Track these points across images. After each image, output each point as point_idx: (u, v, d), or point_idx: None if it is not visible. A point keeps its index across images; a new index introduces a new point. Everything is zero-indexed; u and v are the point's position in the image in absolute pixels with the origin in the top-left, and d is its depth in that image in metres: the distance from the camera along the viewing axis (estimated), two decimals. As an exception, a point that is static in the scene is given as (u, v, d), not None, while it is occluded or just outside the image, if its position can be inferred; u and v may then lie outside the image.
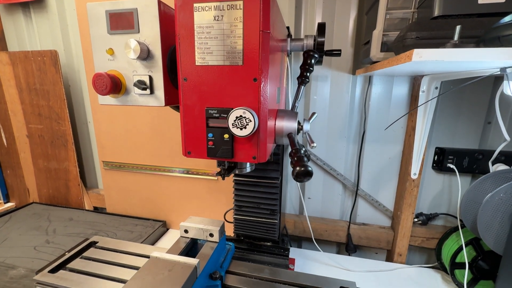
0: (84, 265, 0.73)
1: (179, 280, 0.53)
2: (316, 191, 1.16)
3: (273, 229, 0.86)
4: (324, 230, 1.13)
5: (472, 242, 0.86)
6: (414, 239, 1.05)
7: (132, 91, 0.50)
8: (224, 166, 0.50)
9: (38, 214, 1.28)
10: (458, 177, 0.92)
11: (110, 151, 1.25)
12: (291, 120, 0.55)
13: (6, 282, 0.83)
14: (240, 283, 0.68)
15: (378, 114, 1.03)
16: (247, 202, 0.85)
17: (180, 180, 1.19)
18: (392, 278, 0.96)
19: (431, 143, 1.01)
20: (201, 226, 0.73)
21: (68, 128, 1.31)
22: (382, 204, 1.10)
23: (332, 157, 1.11)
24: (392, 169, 1.07)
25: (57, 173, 1.38)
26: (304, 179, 0.42)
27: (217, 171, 0.54)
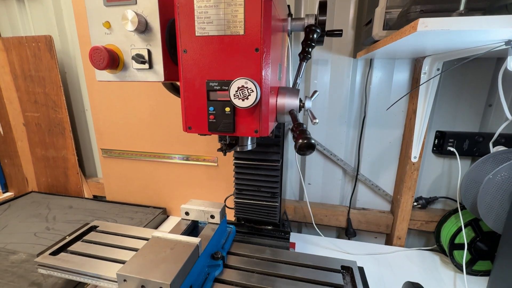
0: (85, 248, 0.73)
1: (181, 257, 0.53)
2: (316, 177, 1.16)
3: (273, 212, 0.86)
4: (324, 215, 1.14)
5: (471, 223, 0.86)
6: (414, 223, 1.05)
7: (131, 66, 0.49)
8: (226, 141, 0.49)
9: (37, 202, 1.27)
10: (458, 160, 0.92)
11: (109, 139, 1.24)
12: (292, 97, 0.54)
13: (7, 267, 0.83)
14: (242, 263, 0.68)
15: (378, 98, 1.02)
16: (247, 185, 0.85)
17: (180, 166, 1.18)
18: (391, 261, 0.97)
19: (432, 127, 1.00)
20: (202, 208, 0.73)
21: (65, 115, 1.29)
22: (382, 189, 1.11)
23: (332, 142, 1.11)
24: (392, 153, 1.07)
25: (56, 161, 1.37)
26: (307, 152, 0.42)
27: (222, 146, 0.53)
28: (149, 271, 0.49)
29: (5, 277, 0.78)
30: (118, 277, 0.49)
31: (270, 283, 0.61)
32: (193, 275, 0.55)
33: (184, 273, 0.51)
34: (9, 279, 0.78)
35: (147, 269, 0.49)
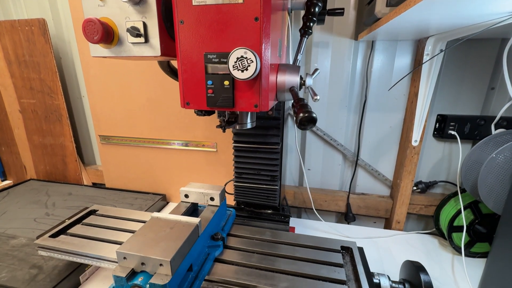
0: (85, 230, 0.73)
1: (181, 236, 0.52)
2: (316, 162, 1.16)
3: (273, 196, 0.85)
4: (324, 200, 1.14)
5: (470, 205, 0.87)
6: (413, 207, 1.06)
7: (126, 40, 0.47)
8: (225, 117, 0.48)
9: (36, 190, 1.27)
10: (459, 143, 0.92)
11: (106, 125, 1.22)
12: (293, 74, 0.52)
13: (7, 250, 0.83)
14: (242, 244, 0.68)
15: (380, 81, 1.01)
16: (247, 169, 0.84)
17: (179, 153, 1.17)
18: (390, 244, 0.98)
19: (433, 111, 0.99)
20: (201, 191, 0.73)
21: (62, 102, 1.27)
22: (381, 174, 1.11)
23: (332, 127, 1.10)
24: (393, 138, 1.06)
25: (53, 149, 1.36)
26: (308, 126, 0.41)
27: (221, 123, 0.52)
28: (149, 248, 0.48)
29: (5, 260, 0.78)
30: (118, 255, 0.48)
31: (270, 263, 0.61)
32: (193, 254, 0.55)
33: (184, 252, 0.51)
34: (10, 262, 0.78)
35: (147, 247, 0.49)
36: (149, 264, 0.47)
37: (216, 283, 0.57)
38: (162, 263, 0.46)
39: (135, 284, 0.46)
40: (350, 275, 0.60)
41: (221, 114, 0.48)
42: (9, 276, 0.72)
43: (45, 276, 0.72)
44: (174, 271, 0.47)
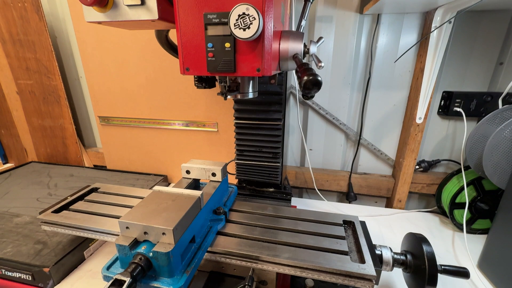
0: (87, 206, 0.73)
1: (183, 207, 0.52)
2: (318, 142, 1.15)
3: (275, 173, 0.85)
4: (325, 180, 1.14)
5: (473, 182, 0.86)
6: (415, 186, 1.06)
7: (121, 3, 0.45)
8: (226, 83, 0.46)
9: (38, 171, 1.27)
10: (464, 120, 0.90)
11: (105, 106, 1.21)
12: (296, 41, 0.50)
13: (11, 228, 0.83)
14: (244, 218, 0.68)
15: (385, 58, 0.98)
16: (249, 146, 0.83)
17: (180, 133, 1.16)
18: (391, 222, 0.99)
19: (439, 88, 0.97)
20: (203, 166, 0.72)
21: (59, 83, 1.25)
22: (384, 153, 1.10)
23: (335, 106, 1.08)
24: (397, 116, 1.04)
25: (53, 131, 1.35)
26: (313, 89, 0.39)
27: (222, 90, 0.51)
28: (151, 218, 0.48)
29: (10, 236, 0.79)
30: (121, 225, 0.48)
31: (272, 235, 0.61)
32: (195, 226, 0.55)
33: (186, 222, 0.51)
34: (15, 238, 0.78)
35: (150, 217, 0.49)
36: (152, 233, 0.47)
37: (219, 254, 0.57)
38: (165, 232, 0.46)
39: (139, 252, 0.46)
40: (352, 246, 0.60)
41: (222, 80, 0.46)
42: (14, 251, 0.73)
43: (50, 251, 0.73)
44: (176, 240, 0.47)
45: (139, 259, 0.45)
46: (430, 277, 0.53)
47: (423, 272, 0.54)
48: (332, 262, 0.53)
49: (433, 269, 0.53)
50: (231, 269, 0.60)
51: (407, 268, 0.58)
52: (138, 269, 0.44)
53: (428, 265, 0.53)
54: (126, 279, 0.41)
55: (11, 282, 0.72)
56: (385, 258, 0.58)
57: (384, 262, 0.58)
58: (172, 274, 0.47)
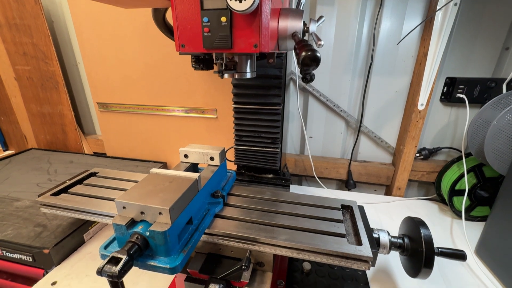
0: (86, 190, 0.74)
1: (180, 188, 0.52)
2: (318, 130, 1.14)
3: (274, 159, 0.84)
4: (325, 168, 1.14)
5: (474, 169, 0.86)
6: (414, 174, 1.05)
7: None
8: (223, 60, 0.45)
9: (38, 158, 1.27)
10: (467, 106, 0.88)
11: (104, 92, 1.20)
12: (296, 19, 0.49)
13: (12, 211, 0.84)
14: (242, 202, 0.68)
15: (388, 42, 0.96)
16: (247, 131, 0.83)
17: (179, 120, 1.15)
18: (390, 209, 0.99)
19: (442, 74, 0.95)
20: (201, 151, 0.72)
21: (57, 68, 1.23)
22: (384, 141, 1.09)
23: (336, 93, 1.06)
24: (398, 103, 1.03)
25: (52, 117, 1.35)
26: (311, 66, 0.38)
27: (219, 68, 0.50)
28: (148, 198, 0.48)
29: (10, 219, 0.80)
30: (117, 205, 0.48)
31: (270, 218, 0.61)
32: (193, 208, 0.55)
33: (183, 203, 0.51)
34: (15, 221, 0.79)
35: (146, 197, 0.48)
36: (149, 213, 0.47)
37: (217, 236, 0.57)
38: (161, 212, 0.46)
39: (135, 232, 0.46)
40: (349, 230, 0.60)
41: (219, 57, 0.45)
42: (14, 233, 0.74)
43: (50, 233, 0.74)
44: (173, 220, 0.47)
45: (136, 238, 0.45)
46: (427, 259, 0.53)
47: (420, 254, 0.54)
48: (329, 244, 0.53)
49: (430, 252, 0.53)
50: (229, 251, 0.61)
51: (404, 251, 0.58)
52: (135, 247, 0.44)
53: (425, 248, 0.53)
54: (123, 256, 0.41)
55: (13, 263, 0.74)
56: (382, 241, 0.58)
57: (381, 245, 0.58)
58: (169, 253, 0.47)
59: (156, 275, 0.68)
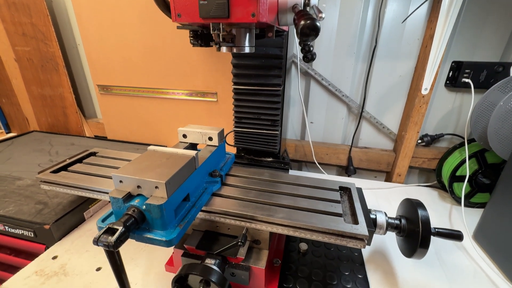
0: (85, 168, 0.74)
1: (177, 164, 0.52)
2: (319, 115, 1.12)
3: (273, 141, 0.84)
4: (325, 154, 1.13)
5: (476, 154, 0.84)
6: (416, 160, 1.04)
7: None
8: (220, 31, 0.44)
9: (39, 140, 1.28)
10: (472, 91, 0.86)
11: (104, 74, 1.19)
12: (297, -10, 0.47)
13: (14, 189, 0.85)
14: (240, 182, 0.68)
15: (393, 24, 0.93)
16: (247, 113, 0.82)
17: (179, 103, 1.15)
18: (389, 195, 0.99)
19: (448, 58, 0.93)
20: (200, 130, 0.71)
21: (57, 49, 1.22)
22: (386, 127, 1.07)
23: (338, 77, 1.04)
24: (402, 88, 1.01)
25: (53, 100, 1.34)
26: (310, 35, 0.37)
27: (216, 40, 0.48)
28: (144, 172, 0.48)
29: (12, 197, 0.81)
30: (114, 178, 0.48)
31: (267, 198, 0.61)
32: (190, 185, 0.55)
33: (179, 179, 0.51)
34: (17, 198, 0.80)
35: (143, 172, 0.48)
36: (145, 187, 0.47)
37: (214, 214, 0.58)
38: (157, 186, 0.46)
39: (132, 205, 0.46)
40: (346, 210, 0.60)
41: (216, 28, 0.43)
42: (16, 210, 0.75)
43: (50, 210, 0.75)
44: (169, 194, 0.47)
45: (132, 211, 0.45)
46: (423, 239, 0.53)
47: (416, 234, 0.54)
48: (325, 222, 0.53)
49: (427, 232, 0.53)
50: (226, 229, 0.61)
51: (401, 232, 0.58)
52: (131, 220, 0.44)
53: (421, 228, 0.53)
54: (119, 227, 0.42)
55: (16, 239, 0.75)
56: (379, 222, 0.58)
57: (378, 225, 0.58)
58: (166, 227, 0.47)
59: (155, 252, 0.69)
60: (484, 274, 0.67)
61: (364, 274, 0.64)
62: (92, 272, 0.62)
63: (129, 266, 0.64)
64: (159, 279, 0.61)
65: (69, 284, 0.59)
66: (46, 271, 0.62)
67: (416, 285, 0.63)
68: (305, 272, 0.65)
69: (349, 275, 0.64)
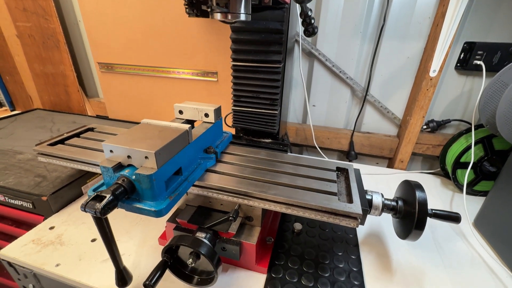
0: (82, 142, 0.74)
1: (169, 137, 0.51)
2: (322, 98, 1.09)
3: (272, 121, 0.82)
4: (326, 138, 1.11)
5: (483, 140, 0.81)
6: (419, 147, 1.01)
7: None
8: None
9: (42, 118, 1.29)
10: (483, 75, 0.82)
11: (104, 52, 1.17)
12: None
13: (14, 163, 0.86)
14: (236, 160, 0.67)
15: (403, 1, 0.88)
16: (246, 91, 0.80)
17: (180, 82, 1.13)
18: (390, 181, 0.97)
19: (460, 39, 0.88)
20: (196, 106, 0.70)
21: (57, 26, 1.21)
22: (391, 111, 1.04)
23: (343, 58, 1.00)
24: (409, 70, 0.96)
25: (55, 78, 1.34)
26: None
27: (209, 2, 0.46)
28: (135, 143, 0.47)
29: (12, 169, 0.82)
30: (105, 148, 0.48)
31: (262, 175, 0.60)
32: (182, 159, 0.54)
33: (171, 151, 0.50)
34: (17, 171, 0.81)
35: (134, 142, 0.48)
36: (135, 157, 0.46)
37: (206, 189, 0.57)
38: (147, 156, 0.45)
39: (122, 175, 0.46)
40: (342, 190, 0.59)
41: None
42: (15, 181, 0.76)
43: (48, 183, 0.76)
44: (159, 165, 0.46)
45: (122, 180, 0.45)
46: (419, 220, 0.51)
47: (412, 216, 0.52)
48: (318, 200, 0.52)
49: (423, 214, 0.51)
50: (218, 204, 0.61)
51: (397, 214, 0.57)
52: (120, 189, 0.44)
53: (418, 209, 0.51)
54: (107, 195, 0.42)
55: (17, 210, 0.77)
56: (375, 202, 0.56)
57: (374, 206, 0.56)
58: (156, 198, 0.47)
59: (149, 226, 0.70)
60: (482, 260, 0.65)
61: (358, 255, 0.64)
62: (87, 243, 0.63)
63: (123, 238, 0.65)
64: (152, 251, 0.62)
65: (64, 252, 0.60)
66: (43, 240, 0.64)
67: (410, 267, 0.62)
68: (298, 251, 0.64)
69: (342, 255, 0.64)
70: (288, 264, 0.60)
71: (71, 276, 0.55)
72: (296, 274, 0.58)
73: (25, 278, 0.62)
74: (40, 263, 0.57)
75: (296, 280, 0.57)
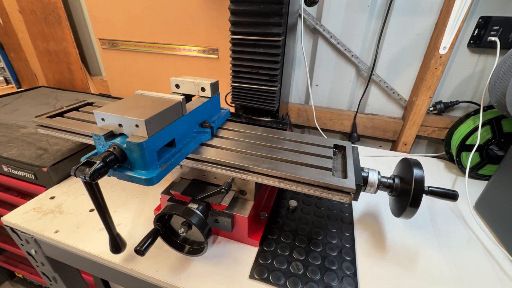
0: (80, 116, 0.74)
1: (160, 107, 0.50)
2: (326, 77, 1.06)
3: (272, 99, 0.80)
4: (329, 119, 1.08)
5: (491, 121, 0.78)
6: (425, 129, 0.98)
7: None
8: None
9: (46, 95, 1.30)
10: (497, 53, 0.77)
11: (106, 28, 1.15)
12: None
13: (18, 136, 0.88)
14: (232, 135, 0.66)
15: (415, -28, 0.82)
16: (245, 66, 0.77)
17: (181, 59, 1.11)
18: (391, 163, 0.95)
19: (475, 13, 0.82)
20: (192, 80, 0.69)
21: (58, 0, 1.19)
22: (397, 92, 1.00)
23: (349, 35, 0.96)
24: (418, 49, 0.92)
25: (58, 55, 1.34)
26: None
27: None
28: (127, 112, 0.47)
29: (16, 142, 0.84)
30: (97, 116, 0.47)
31: (256, 150, 0.59)
32: (175, 130, 0.54)
33: (162, 121, 0.50)
34: (20, 144, 0.83)
35: (125, 111, 0.47)
36: (126, 125, 0.46)
37: (200, 162, 0.57)
38: (138, 124, 0.45)
39: (113, 143, 0.46)
40: (338, 166, 0.58)
41: None
42: (18, 153, 0.78)
43: (50, 156, 0.77)
44: (150, 134, 0.46)
45: (113, 148, 0.45)
46: (414, 198, 0.50)
47: (408, 193, 0.51)
48: (312, 175, 0.51)
49: (419, 191, 0.50)
50: (212, 178, 0.61)
51: (393, 191, 0.56)
52: (111, 156, 0.44)
53: (414, 186, 0.50)
54: (97, 161, 0.42)
55: (21, 181, 0.79)
56: (370, 179, 0.55)
57: (369, 183, 0.55)
58: (147, 167, 0.47)
59: (146, 199, 0.71)
60: (479, 242, 0.64)
61: (352, 233, 0.63)
62: (85, 213, 0.65)
63: (120, 209, 0.67)
64: (148, 222, 0.63)
65: (63, 221, 0.62)
66: (43, 208, 0.66)
67: (404, 246, 0.62)
68: (292, 226, 0.64)
69: (335, 232, 0.63)
70: (281, 239, 0.61)
71: (69, 242, 0.57)
72: (288, 248, 0.59)
73: (27, 243, 0.64)
74: (40, 229, 0.59)
75: (287, 253, 0.57)
